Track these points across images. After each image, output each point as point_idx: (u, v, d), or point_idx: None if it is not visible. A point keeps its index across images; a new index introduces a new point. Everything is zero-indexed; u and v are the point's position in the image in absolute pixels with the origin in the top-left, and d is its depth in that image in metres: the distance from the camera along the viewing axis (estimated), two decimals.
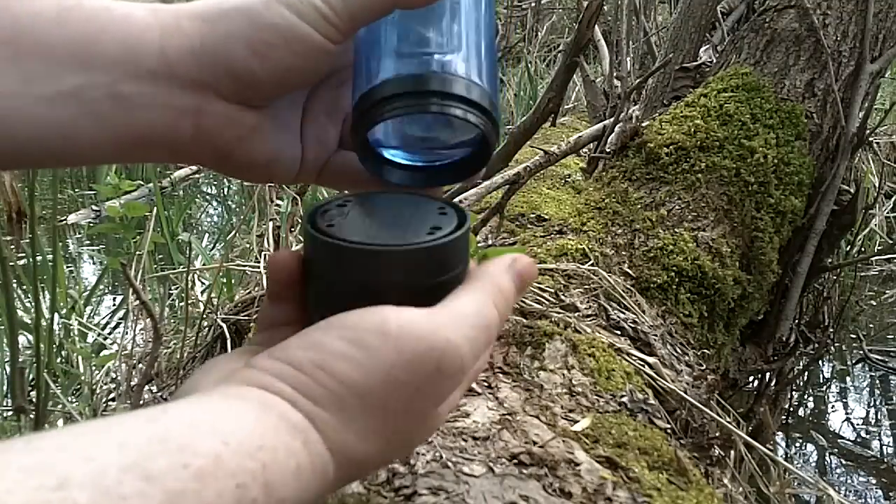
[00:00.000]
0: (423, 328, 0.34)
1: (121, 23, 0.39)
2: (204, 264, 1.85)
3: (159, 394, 1.30)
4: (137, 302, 1.36)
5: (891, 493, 1.57)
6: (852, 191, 1.28)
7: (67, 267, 2.25)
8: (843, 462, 1.69)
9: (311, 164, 0.45)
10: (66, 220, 2.83)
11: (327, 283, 0.38)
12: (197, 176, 3.76)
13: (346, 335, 0.34)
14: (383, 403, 0.34)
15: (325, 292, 0.38)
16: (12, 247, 2.42)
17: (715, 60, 1.48)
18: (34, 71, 0.37)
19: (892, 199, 2.87)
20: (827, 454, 1.72)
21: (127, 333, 1.50)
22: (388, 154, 0.44)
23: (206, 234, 3.02)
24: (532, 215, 1.19)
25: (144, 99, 0.39)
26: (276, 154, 0.44)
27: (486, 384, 0.68)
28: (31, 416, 1.00)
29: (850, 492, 1.57)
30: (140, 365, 1.39)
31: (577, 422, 0.64)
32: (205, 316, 1.35)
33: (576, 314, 0.85)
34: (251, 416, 0.31)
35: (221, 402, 0.31)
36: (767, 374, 1.46)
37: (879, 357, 2.10)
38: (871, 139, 2.20)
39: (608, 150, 1.25)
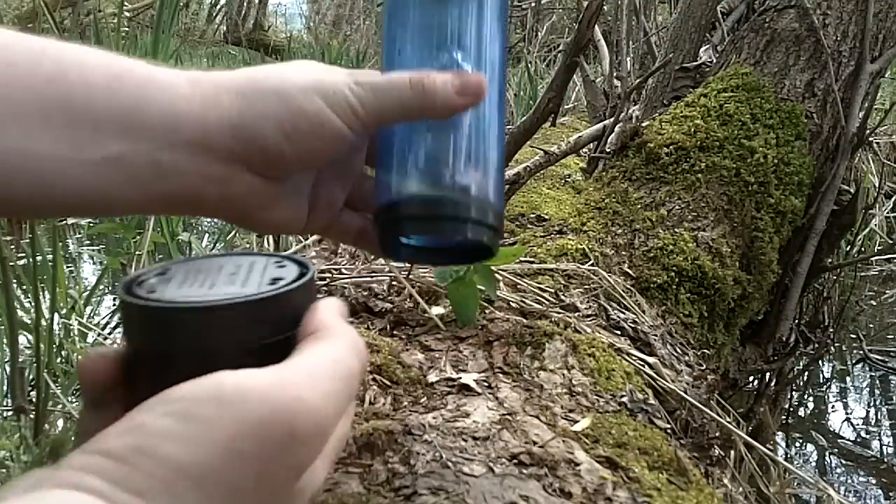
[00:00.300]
0: (268, 388, 0.30)
1: (165, 93, 0.40)
2: None
3: None
4: None
5: (891, 493, 1.57)
6: (852, 191, 1.28)
7: (67, 267, 2.25)
8: (843, 462, 1.69)
9: (319, 222, 0.49)
10: (66, 220, 2.83)
11: (155, 360, 0.33)
12: None
13: (174, 409, 0.29)
14: (228, 483, 0.29)
15: (154, 372, 0.33)
16: (12, 247, 2.42)
17: (715, 60, 1.48)
18: (83, 137, 0.38)
19: (892, 199, 2.87)
20: (827, 454, 1.72)
21: None
22: (406, 240, 0.49)
23: (206, 234, 3.02)
24: (532, 215, 1.19)
25: (180, 166, 0.41)
26: (288, 218, 0.46)
27: (486, 384, 0.68)
28: (31, 416, 1.00)
29: (850, 492, 1.57)
30: None
31: (577, 422, 0.63)
32: None
33: (576, 314, 0.85)
34: None
35: None
36: (767, 374, 1.46)
37: (879, 357, 2.10)
38: (871, 139, 2.20)
39: (608, 150, 1.25)
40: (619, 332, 0.88)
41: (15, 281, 1.37)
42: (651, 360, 0.82)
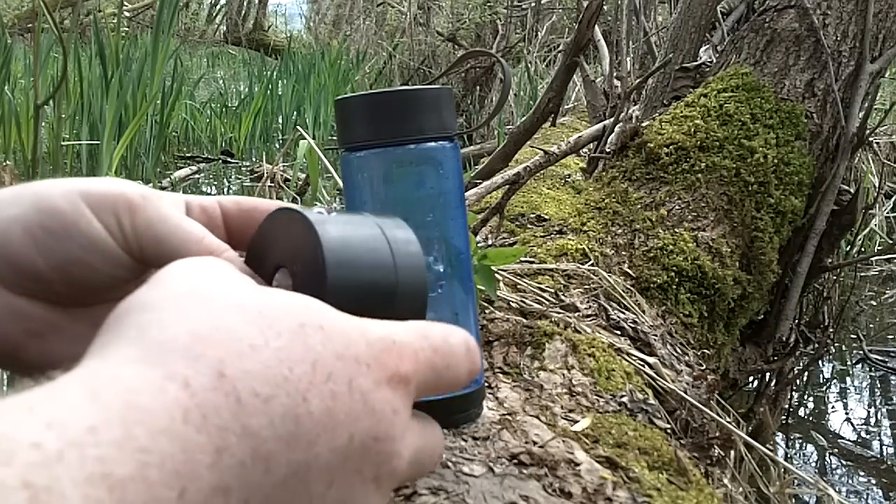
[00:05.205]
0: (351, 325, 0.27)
1: None
2: None
3: None
4: None
5: (891, 493, 1.57)
6: (852, 191, 1.28)
7: None
8: (843, 462, 1.69)
9: None
10: None
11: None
12: (197, 176, 3.76)
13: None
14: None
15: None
16: None
17: (715, 60, 1.48)
18: None
19: (892, 199, 2.87)
20: (827, 454, 1.71)
21: None
22: None
23: None
24: (532, 215, 1.19)
25: None
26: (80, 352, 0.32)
27: (485, 384, 0.68)
28: None
29: (850, 492, 1.57)
30: None
31: (577, 422, 0.64)
32: None
33: (576, 314, 0.85)
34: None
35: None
36: (767, 374, 1.46)
37: (879, 357, 2.10)
38: (871, 139, 2.20)
39: (608, 150, 1.25)
40: (619, 332, 0.88)
41: None
42: (651, 360, 0.82)
